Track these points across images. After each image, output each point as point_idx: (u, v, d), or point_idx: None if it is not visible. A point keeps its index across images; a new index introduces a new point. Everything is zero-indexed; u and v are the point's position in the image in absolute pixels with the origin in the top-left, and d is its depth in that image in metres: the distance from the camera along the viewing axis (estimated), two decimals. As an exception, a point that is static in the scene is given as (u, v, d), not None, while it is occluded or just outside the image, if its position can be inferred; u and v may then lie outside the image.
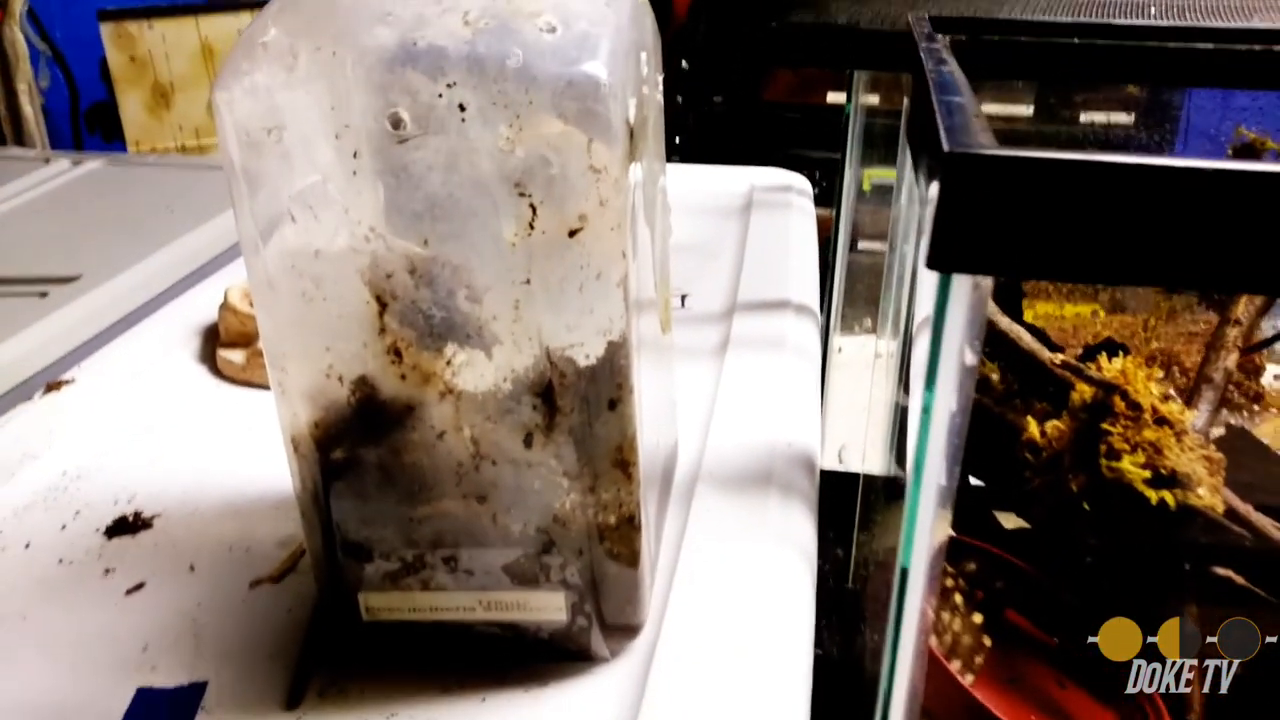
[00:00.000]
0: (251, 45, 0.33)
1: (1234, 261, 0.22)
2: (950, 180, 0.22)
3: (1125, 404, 0.47)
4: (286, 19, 0.33)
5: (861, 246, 1.04)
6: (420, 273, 0.35)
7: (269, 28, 0.33)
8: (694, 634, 0.40)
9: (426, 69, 0.32)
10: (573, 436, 0.36)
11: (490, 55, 0.32)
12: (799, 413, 0.58)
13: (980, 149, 0.22)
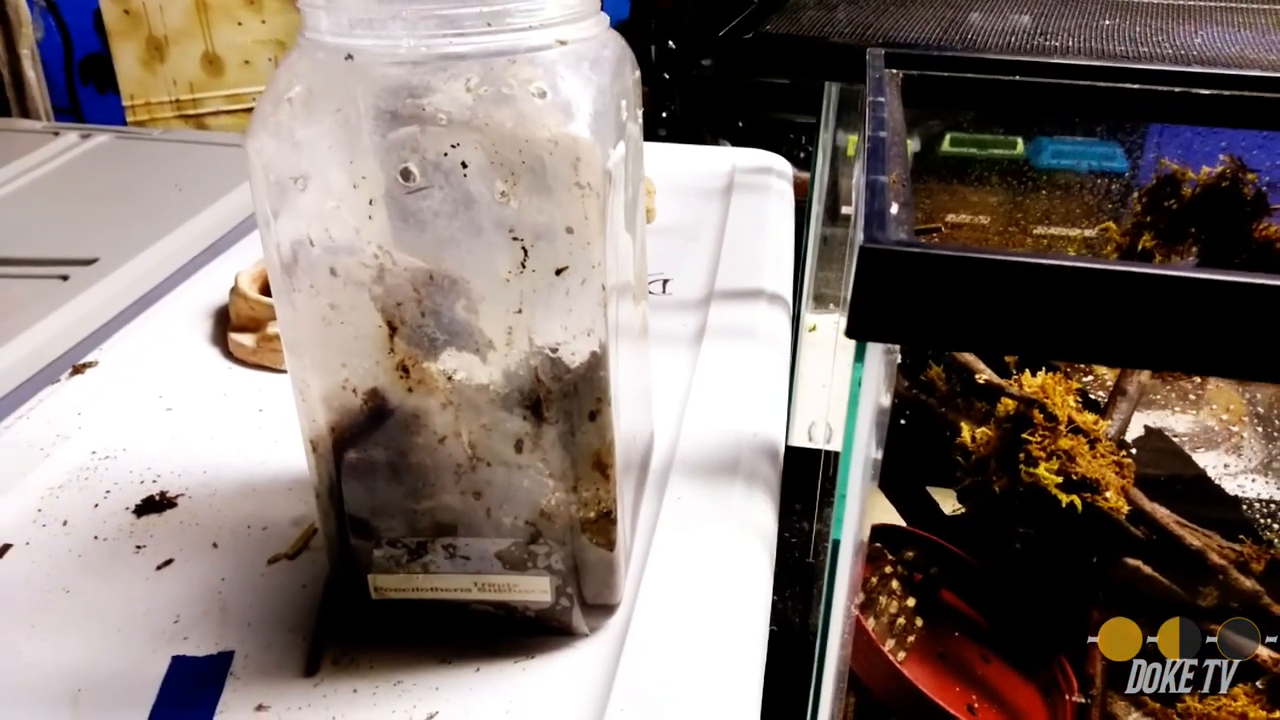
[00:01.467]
0: (279, 99, 0.37)
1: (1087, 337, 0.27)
2: (865, 268, 0.27)
3: (1043, 416, 0.53)
4: (311, 77, 0.37)
5: (845, 211, 1.07)
6: (425, 302, 0.39)
7: (294, 84, 0.37)
8: (663, 612, 0.46)
9: (434, 130, 0.36)
10: (557, 443, 0.42)
11: (490, 120, 0.36)
12: (766, 403, 0.63)
13: (890, 245, 0.27)
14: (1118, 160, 1.22)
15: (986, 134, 1.20)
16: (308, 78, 0.37)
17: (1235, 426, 0.72)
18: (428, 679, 0.43)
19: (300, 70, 0.38)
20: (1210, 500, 0.67)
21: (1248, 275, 0.26)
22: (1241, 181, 0.57)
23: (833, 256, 1.02)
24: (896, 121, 0.38)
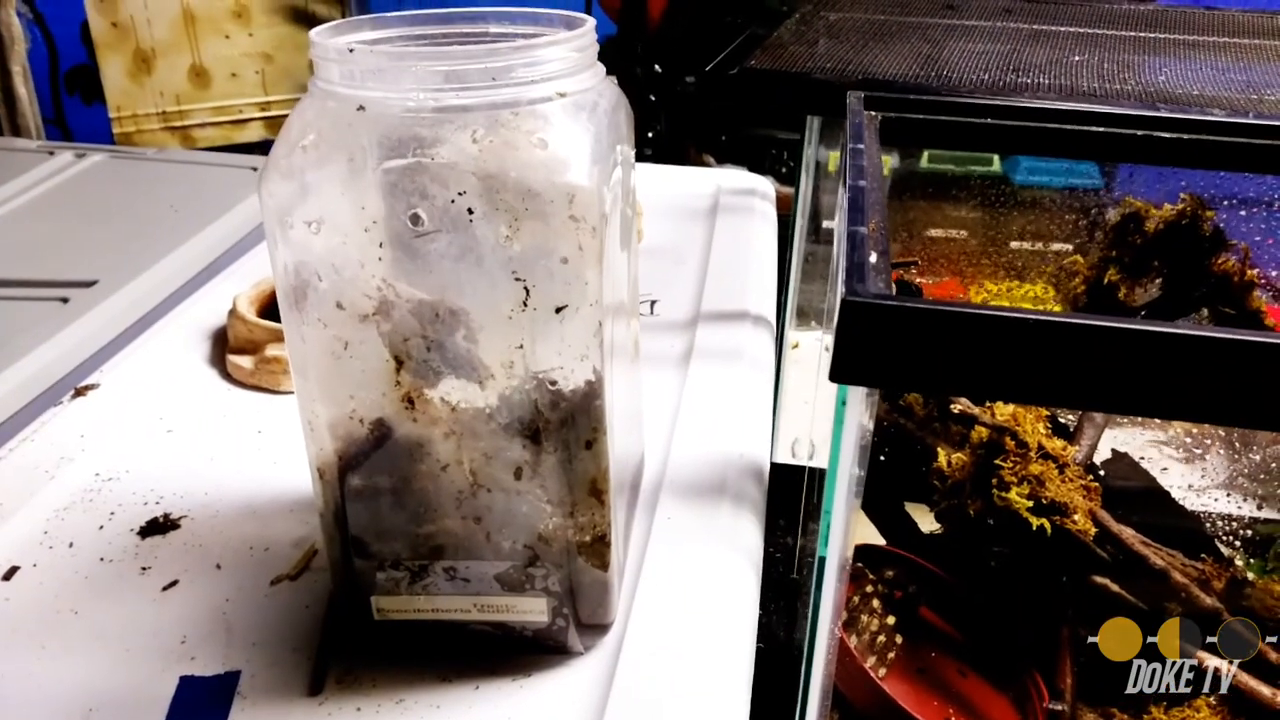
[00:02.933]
0: (292, 146, 0.39)
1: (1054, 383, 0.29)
2: (846, 318, 0.29)
3: (1015, 443, 0.55)
4: (323, 124, 0.39)
5: (826, 225, 1.09)
6: (431, 337, 0.41)
7: (308, 133, 0.39)
8: (655, 630, 0.48)
9: (442, 179, 0.38)
10: (555, 471, 0.44)
11: (494, 169, 0.38)
12: (752, 424, 0.65)
13: (869, 298, 0.29)
14: (1093, 176, 1.25)
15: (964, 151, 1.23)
16: (319, 125, 0.39)
17: (1198, 448, 0.75)
18: (429, 697, 0.45)
19: (312, 118, 0.40)
20: (1174, 518, 0.70)
21: (1198, 329, 0.28)
22: (1201, 219, 0.59)
23: (815, 273, 1.04)
24: (875, 167, 0.41)
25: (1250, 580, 0.60)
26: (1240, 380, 0.29)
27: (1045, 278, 0.93)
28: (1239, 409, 0.31)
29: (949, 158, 1.33)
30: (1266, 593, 0.61)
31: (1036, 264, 0.99)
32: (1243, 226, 0.64)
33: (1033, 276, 0.98)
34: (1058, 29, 0.82)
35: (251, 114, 1.92)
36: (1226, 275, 0.60)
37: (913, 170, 1.30)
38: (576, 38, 0.41)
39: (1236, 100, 0.62)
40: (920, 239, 1.06)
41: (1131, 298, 0.62)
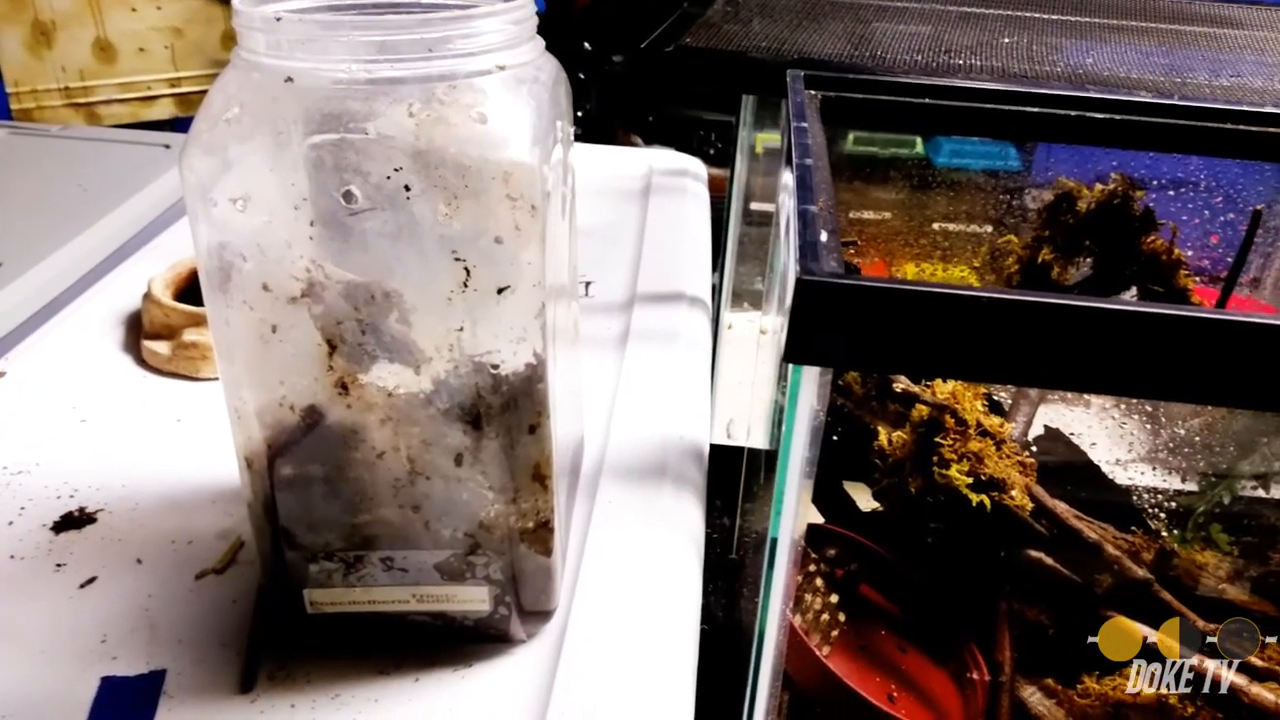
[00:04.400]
0: (215, 120, 0.37)
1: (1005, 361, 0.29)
2: (800, 298, 0.29)
3: (954, 421, 0.56)
4: (247, 97, 0.37)
5: (754, 208, 1.10)
6: (366, 320, 0.40)
7: (231, 105, 0.37)
8: (598, 615, 0.47)
9: (378, 154, 0.36)
10: (497, 456, 0.42)
11: (431, 145, 0.36)
12: (690, 406, 0.65)
13: (824, 276, 0.29)
14: (1011, 159, 1.28)
15: (888, 133, 1.24)
16: (243, 98, 0.37)
17: (1125, 423, 0.77)
18: (366, 691, 0.44)
19: (236, 91, 0.38)
20: (1104, 492, 0.71)
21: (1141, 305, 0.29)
22: (1131, 198, 0.61)
23: (748, 255, 1.04)
24: (819, 146, 0.40)
25: (1176, 552, 0.62)
26: (1172, 355, 0.30)
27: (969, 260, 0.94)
28: (1171, 383, 0.31)
29: (873, 140, 1.34)
30: (1190, 562, 0.63)
31: (959, 246, 1.00)
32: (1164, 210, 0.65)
33: (956, 259, 1.00)
34: (986, 11, 0.83)
35: (161, 90, 1.85)
36: (1155, 254, 0.61)
37: (838, 153, 1.31)
38: (515, 9, 0.40)
39: (1160, 83, 0.63)
40: (846, 222, 1.07)
41: (1064, 276, 0.63)
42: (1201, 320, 0.29)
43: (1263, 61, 0.67)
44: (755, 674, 0.40)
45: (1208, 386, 0.31)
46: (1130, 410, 0.77)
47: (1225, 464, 0.74)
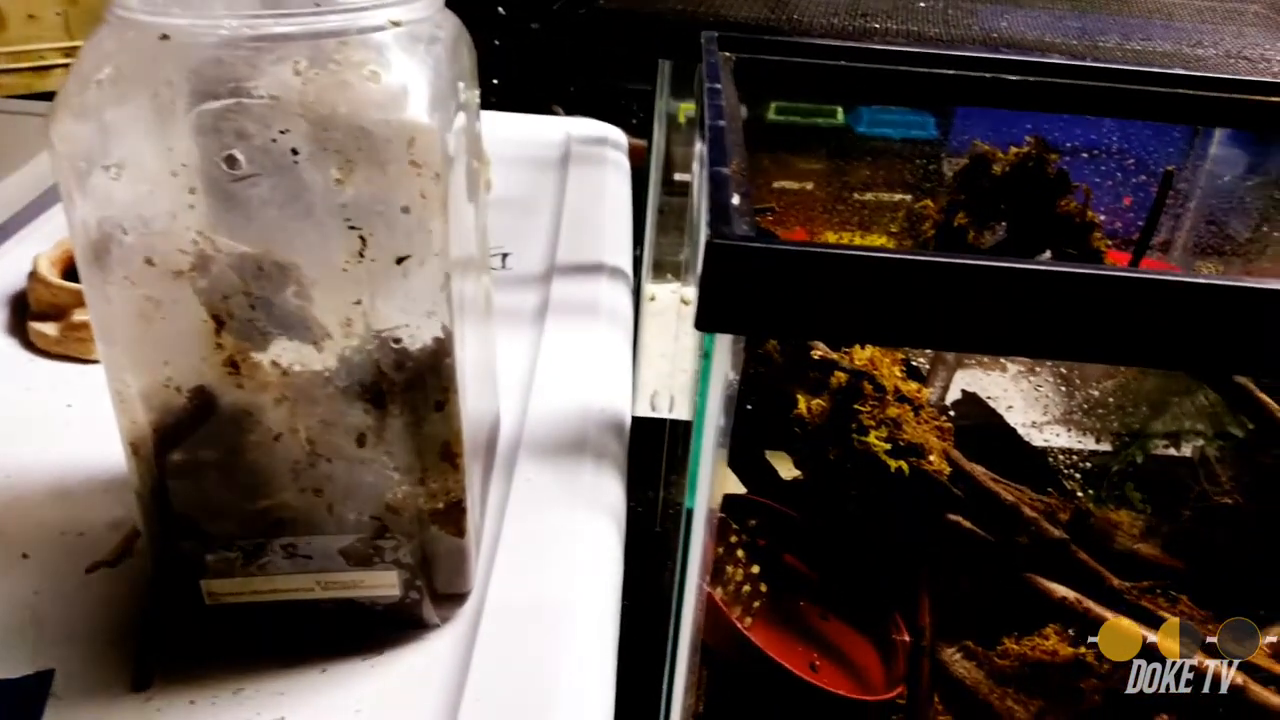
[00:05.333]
0: (86, 82, 0.35)
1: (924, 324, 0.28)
2: (711, 262, 0.28)
3: (872, 387, 0.55)
4: (121, 58, 0.35)
5: (678, 178, 1.08)
6: (255, 294, 0.37)
7: (103, 65, 0.34)
8: (516, 596, 0.46)
9: (261, 116, 0.34)
10: (403, 435, 0.40)
11: (320, 105, 0.34)
12: (611, 379, 0.63)
13: (735, 239, 0.27)
14: (929, 129, 1.29)
15: (809, 102, 1.24)
16: (118, 58, 0.35)
17: (1042, 385, 0.77)
18: (271, 684, 0.42)
19: (109, 50, 0.35)
20: (1020, 455, 0.72)
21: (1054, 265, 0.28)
22: (1045, 161, 0.61)
23: (670, 225, 1.03)
24: (732, 108, 0.39)
25: (1091, 511, 0.63)
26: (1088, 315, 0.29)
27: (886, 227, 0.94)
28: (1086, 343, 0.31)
29: (794, 109, 1.34)
30: (1105, 521, 0.64)
31: (879, 214, 1.01)
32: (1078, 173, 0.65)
33: (875, 227, 1.00)
34: (901, -26, 0.82)
35: (55, 60, 1.76)
36: (1069, 217, 0.61)
37: (759, 122, 1.30)
38: (409, -40, 0.38)
39: (1073, 46, 0.64)
40: (768, 191, 1.06)
41: (980, 240, 0.63)
42: (1116, 279, 0.28)
43: (1171, 26, 0.68)
44: (674, 648, 0.39)
45: (1122, 346, 0.31)
46: (1046, 373, 0.77)
47: (1138, 424, 0.75)
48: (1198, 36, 0.65)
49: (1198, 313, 0.30)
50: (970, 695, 0.59)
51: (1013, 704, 0.58)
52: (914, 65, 0.53)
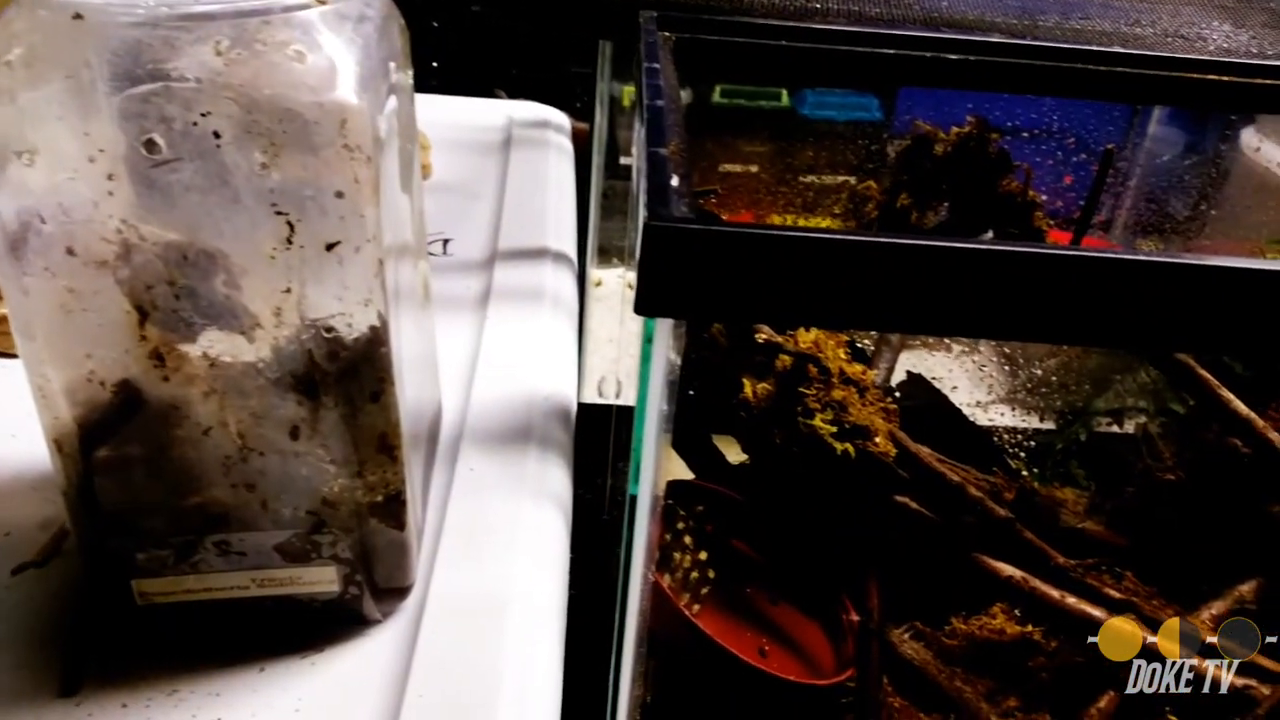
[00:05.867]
0: (-12, 62, 0.33)
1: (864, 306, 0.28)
2: (649, 245, 0.27)
3: (817, 370, 0.55)
4: (33, 38, 0.33)
5: (624, 162, 1.08)
6: (180, 283, 0.36)
7: (13, 46, 0.33)
8: (459, 589, 0.45)
9: (180, 98, 0.33)
10: (338, 427, 0.39)
11: (243, 86, 0.33)
12: (556, 365, 0.62)
13: (673, 222, 0.27)
14: (873, 111, 1.29)
15: (749, 83, 1.24)
16: (29, 38, 0.33)
17: (986, 365, 0.78)
18: (207, 685, 0.40)
19: (19, 29, 0.33)
20: (965, 434, 0.72)
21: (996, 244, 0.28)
22: (987, 140, 0.61)
23: (615, 209, 1.02)
24: (672, 88, 0.38)
25: (1036, 490, 0.63)
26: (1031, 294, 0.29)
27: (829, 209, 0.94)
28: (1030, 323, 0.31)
29: (739, 91, 1.34)
30: (1050, 499, 0.64)
31: (823, 197, 1.01)
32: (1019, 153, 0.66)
33: (819, 209, 1.00)
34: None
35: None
36: (1011, 196, 0.61)
37: (703, 105, 1.30)
38: (335, -64, 0.36)
39: (1013, 25, 0.64)
40: (713, 174, 1.06)
41: (923, 221, 0.63)
42: (1058, 258, 0.28)
43: (1110, 5, 0.68)
44: (620, 639, 0.38)
45: (1064, 325, 0.31)
46: (990, 353, 0.78)
47: (1081, 402, 0.76)
48: (1135, 15, 0.65)
49: (1139, 290, 0.30)
50: (919, 676, 0.59)
51: (961, 684, 0.59)
52: (855, 45, 0.53)
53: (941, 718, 0.59)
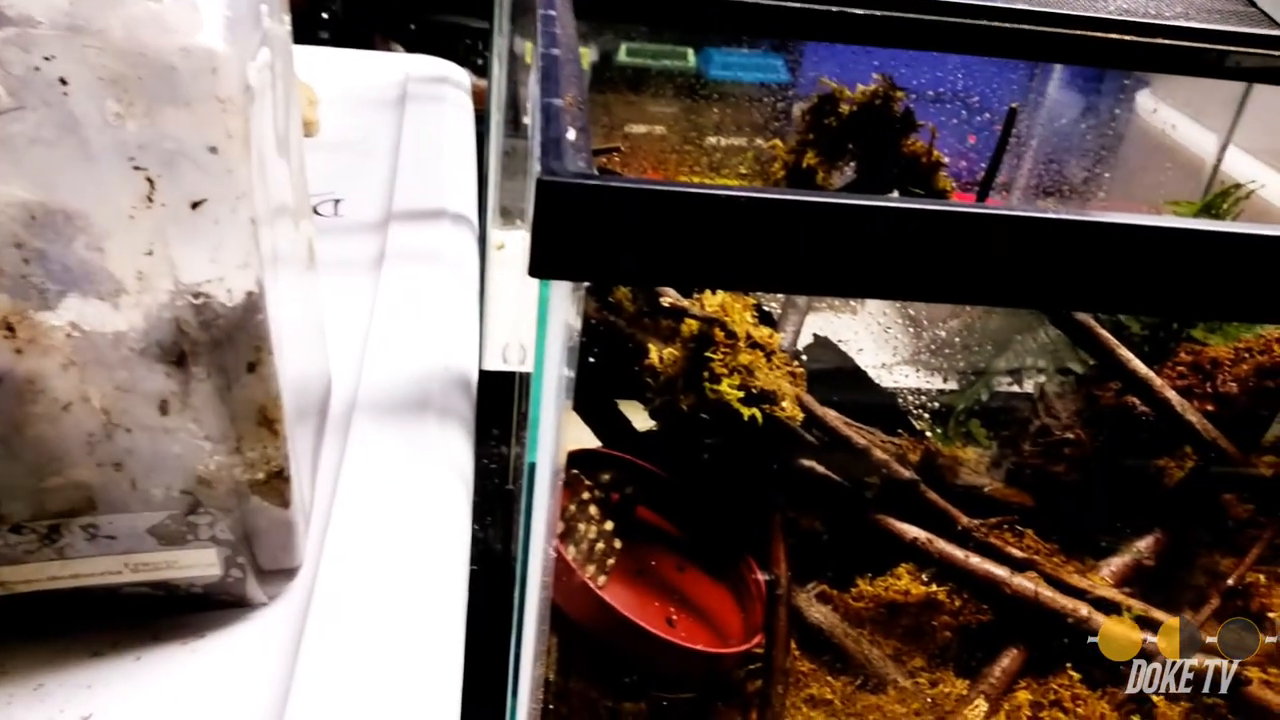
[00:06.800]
0: None
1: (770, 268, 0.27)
2: (543, 202, 0.25)
3: (724, 334, 0.54)
4: None
5: (525, 120, 1.04)
6: (30, 246, 0.33)
7: None
8: (352, 568, 0.43)
9: (19, 40, 0.29)
10: (212, 401, 0.37)
11: (91, 27, 0.30)
12: (456, 330, 0.60)
13: (569, 177, 0.25)
14: (779, 72, 1.29)
15: (659, 45, 1.22)
16: None
17: (890, 327, 0.78)
18: (76, 677, 0.38)
19: None
20: (872, 396, 0.73)
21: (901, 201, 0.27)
22: (892, 99, 0.60)
23: (517, 169, 0.99)
24: (569, 36, 0.36)
25: (939, 451, 0.64)
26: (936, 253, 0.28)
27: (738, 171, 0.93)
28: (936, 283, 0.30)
29: (644, 51, 1.32)
30: (953, 459, 0.65)
31: (729, 158, 1.00)
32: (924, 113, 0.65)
33: (725, 170, 0.99)
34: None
35: None
36: (915, 156, 0.61)
37: (608, 64, 1.28)
38: None
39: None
40: (617, 135, 1.04)
41: (829, 181, 0.62)
42: (963, 216, 0.27)
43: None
44: (520, 615, 0.37)
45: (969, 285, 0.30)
46: (895, 315, 0.78)
47: (983, 362, 0.77)
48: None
49: (1042, 248, 0.29)
50: (827, 639, 0.59)
51: (868, 646, 0.59)
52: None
53: (850, 680, 0.59)
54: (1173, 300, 0.32)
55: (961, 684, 0.60)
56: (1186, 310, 0.35)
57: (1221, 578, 0.62)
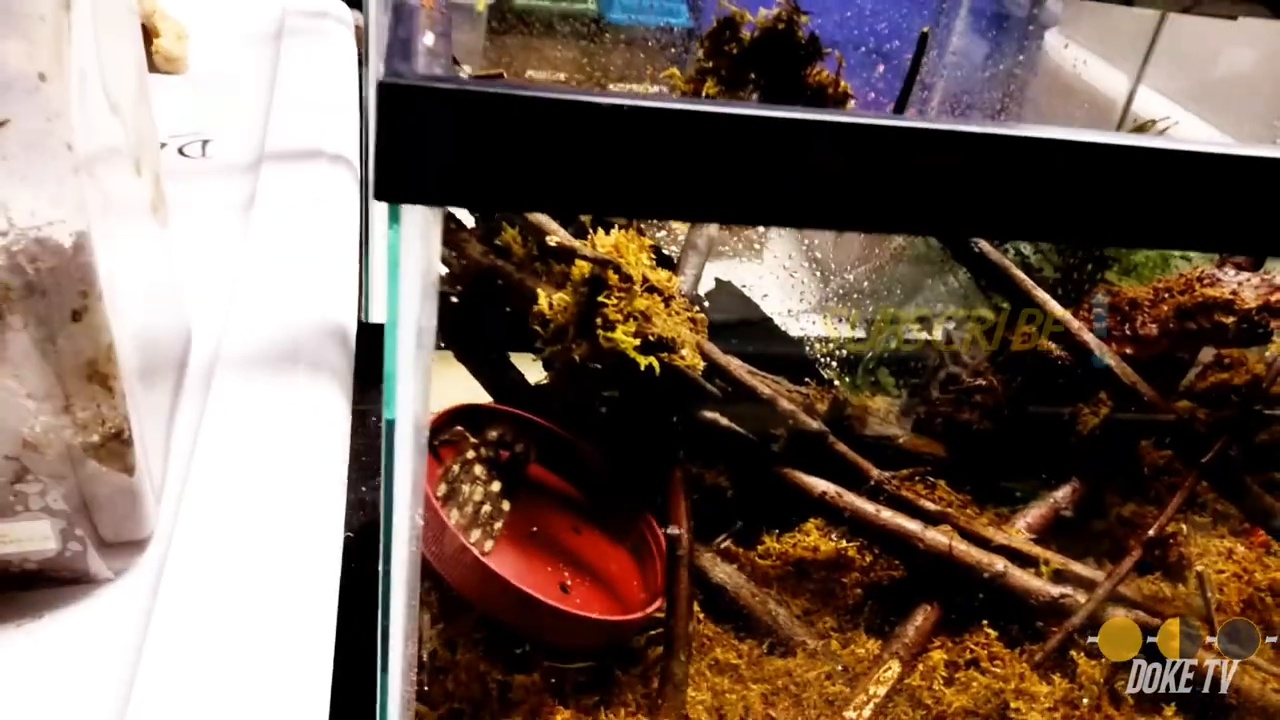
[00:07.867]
0: None
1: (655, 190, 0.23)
2: (387, 110, 0.21)
3: (618, 277, 0.51)
4: None
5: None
6: None
7: None
8: (209, 539, 0.39)
9: None
10: (32, 354, 0.32)
11: None
12: (332, 281, 0.56)
13: (417, 80, 0.21)
14: (682, 16, 1.26)
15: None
16: None
17: (797, 272, 0.76)
18: (-115, 670, 0.33)
19: None
20: (778, 344, 0.70)
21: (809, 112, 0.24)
22: (796, 24, 0.57)
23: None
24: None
25: (848, 400, 0.62)
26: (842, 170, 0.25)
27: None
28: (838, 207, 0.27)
29: (545, -9, 1.27)
30: (862, 409, 0.63)
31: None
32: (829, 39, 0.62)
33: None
34: None
35: None
36: (822, 86, 0.58)
37: (508, 7, 1.23)
38: None
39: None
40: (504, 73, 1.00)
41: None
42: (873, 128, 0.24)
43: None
44: (386, 588, 0.33)
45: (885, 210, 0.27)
46: (800, 259, 0.76)
47: (892, 308, 0.76)
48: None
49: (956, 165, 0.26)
50: (732, 601, 0.57)
51: (776, 606, 0.57)
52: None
53: (757, 643, 0.57)
54: (1099, 223, 0.29)
55: (874, 644, 0.58)
56: (1114, 236, 0.33)
57: (1142, 528, 0.62)
